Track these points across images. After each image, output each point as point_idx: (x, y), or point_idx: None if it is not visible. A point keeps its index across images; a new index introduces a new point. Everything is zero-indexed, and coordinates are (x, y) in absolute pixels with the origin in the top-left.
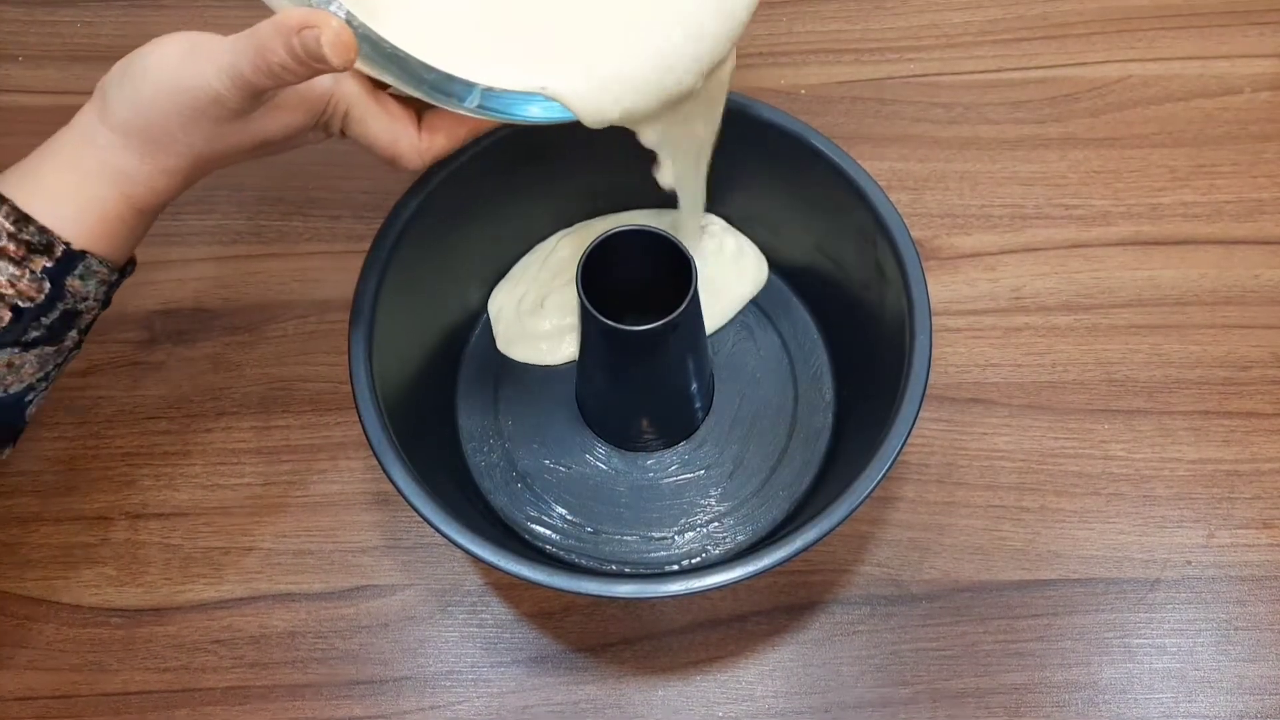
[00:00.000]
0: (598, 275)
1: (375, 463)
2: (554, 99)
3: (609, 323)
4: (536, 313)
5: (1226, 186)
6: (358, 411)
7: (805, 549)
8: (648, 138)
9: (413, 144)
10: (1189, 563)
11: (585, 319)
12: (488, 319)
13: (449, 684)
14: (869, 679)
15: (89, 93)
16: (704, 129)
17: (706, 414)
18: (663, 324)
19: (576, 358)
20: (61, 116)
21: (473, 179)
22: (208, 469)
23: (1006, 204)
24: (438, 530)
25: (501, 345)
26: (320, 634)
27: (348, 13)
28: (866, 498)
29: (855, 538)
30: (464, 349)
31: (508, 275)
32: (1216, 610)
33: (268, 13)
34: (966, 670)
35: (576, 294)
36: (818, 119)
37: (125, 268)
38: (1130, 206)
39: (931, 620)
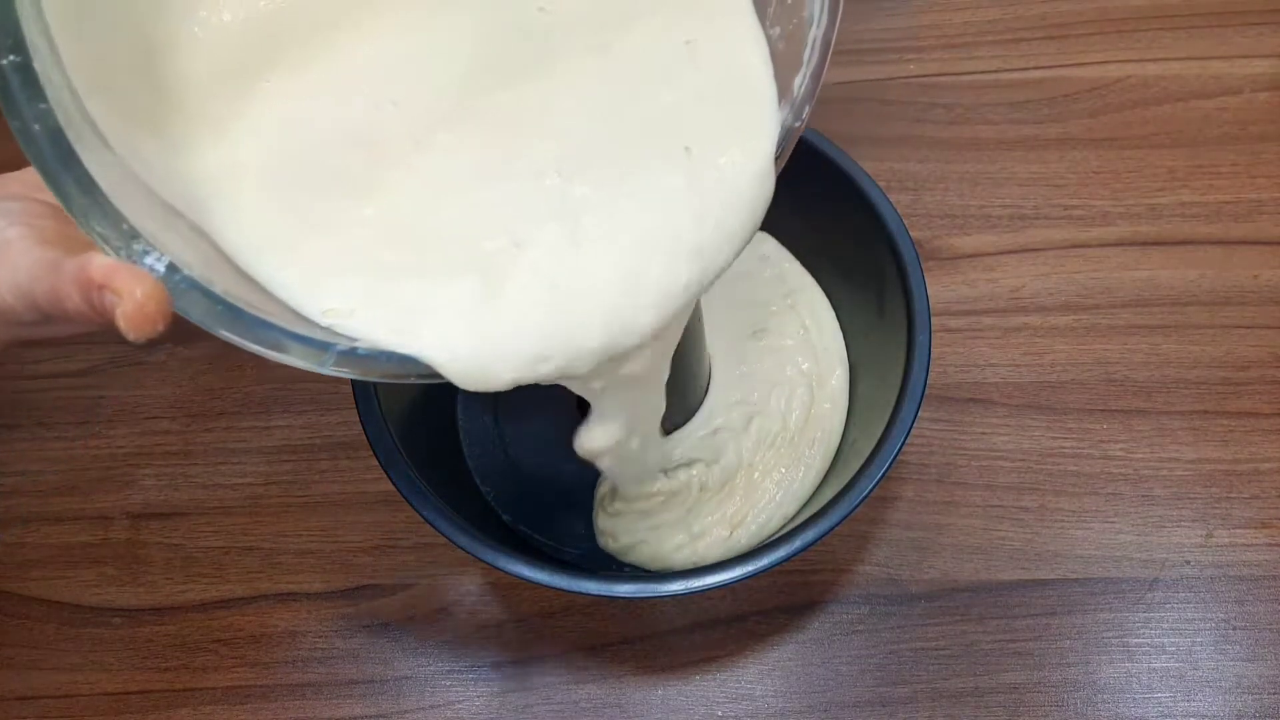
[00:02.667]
0: None
1: (375, 463)
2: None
3: None
4: None
5: (1225, 187)
6: (358, 411)
7: (805, 548)
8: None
9: None
10: (1187, 562)
11: None
12: None
13: (449, 684)
14: (868, 678)
15: None
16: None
17: None
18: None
19: None
20: None
21: None
22: (208, 469)
23: (1006, 204)
24: (438, 530)
25: None
26: (320, 634)
27: (169, 264)
28: (866, 497)
29: (855, 537)
30: None
31: None
32: (1215, 610)
33: None
34: (965, 669)
35: None
36: (817, 119)
37: None
38: (1129, 207)
39: (930, 620)
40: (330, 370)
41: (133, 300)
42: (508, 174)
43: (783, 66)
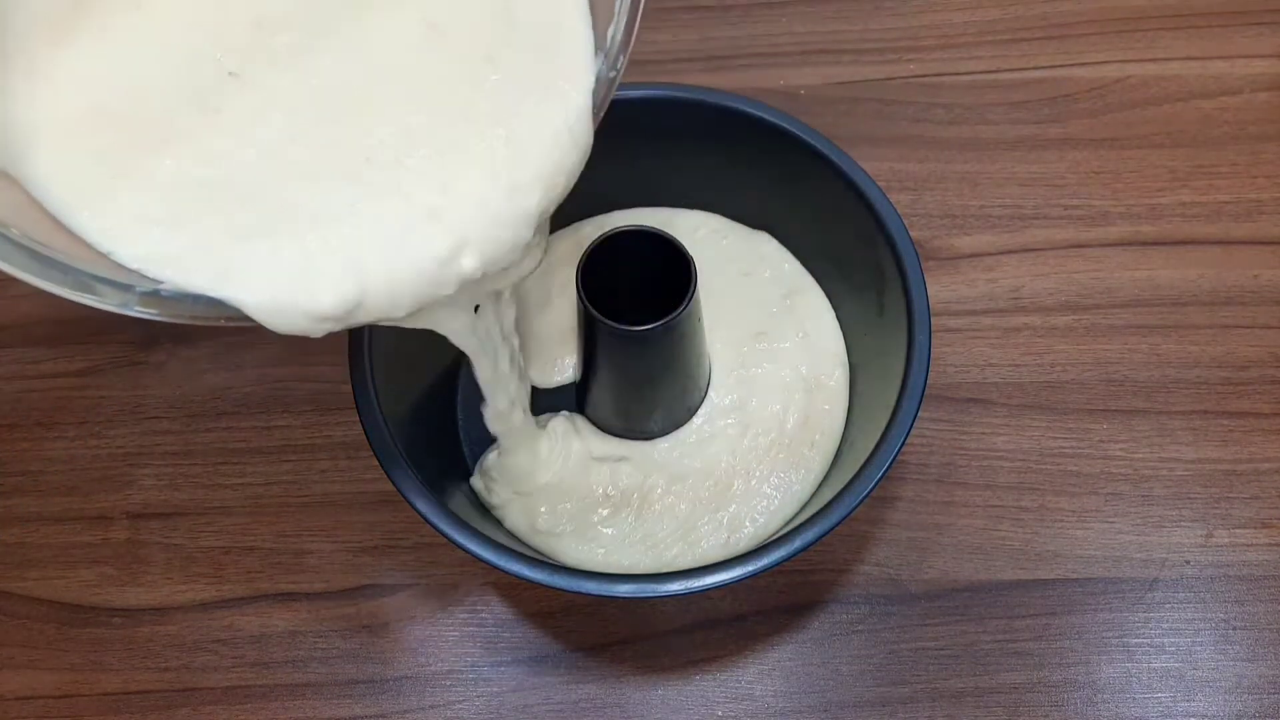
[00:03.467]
0: (596, 275)
1: (375, 463)
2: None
3: (609, 323)
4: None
5: (1225, 187)
6: (358, 411)
7: (805, 548)
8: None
9: None
10: (1187, 562)
11: (584, 318)
12: None
13: (449, 684)
14: (868, 678)
15: None
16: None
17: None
18: (662, 323)
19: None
20: None
21: None
22: (208, 469)
23: (1006, 204)
24: (438, 530)
25: None
26: (321, 634)
27: None
28: (866, 498)
29: (855, 537)
30: None
31: None
32: (1215, 610)
33: None
34: (965, 669)
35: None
36: (817, 119)
37: None
38: (1129, 207)
39: (930, 620)
40: (136, 311)
41: None
42: (323, 126)
43: (600, 18)
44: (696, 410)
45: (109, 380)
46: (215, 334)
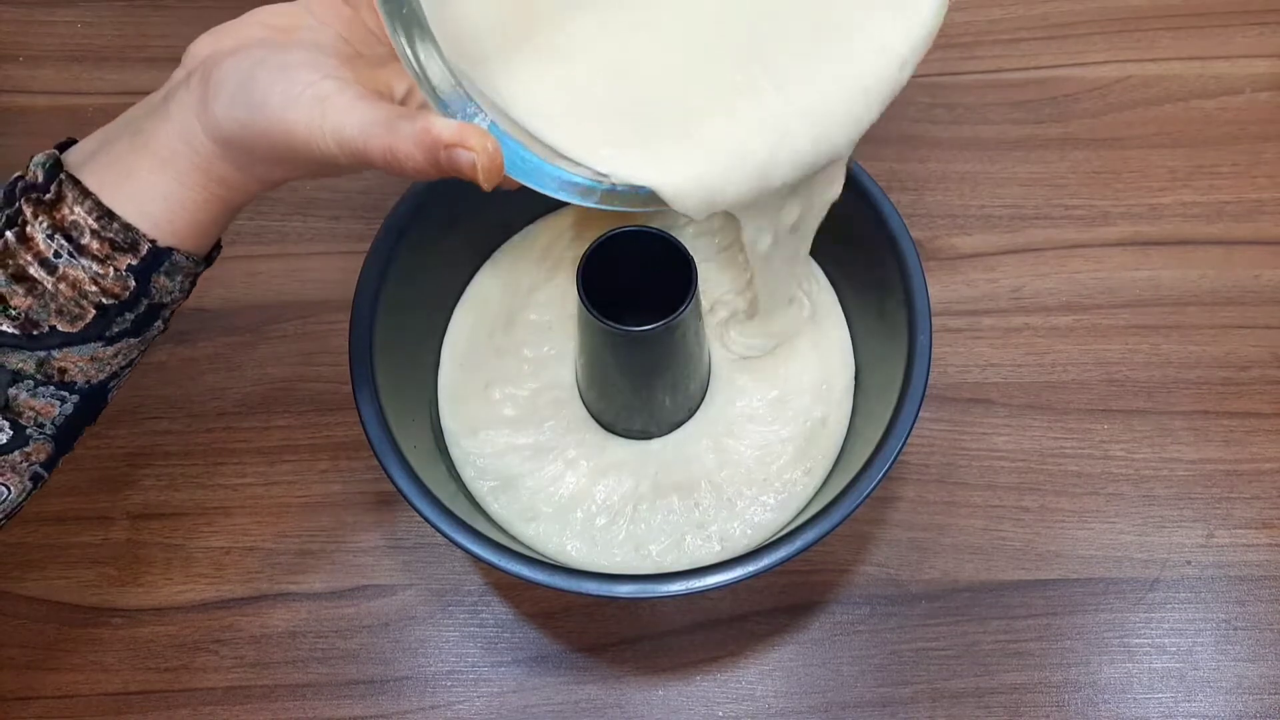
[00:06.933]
0: (597, 275)
1: (375, 463)
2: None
3: (609, 324)
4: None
5: (1226, 187)
6: (358, 411)
7: (805, 549)
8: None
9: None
10: (1188, 562)
11: (584, 317)
12: None
13: (449, 684)
14: (869, 679)
15: (89, 92)
16: (800, 214)
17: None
18: (663, 324)
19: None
20: (61, 117)
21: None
22: (208, 469)
23: (1006, 204)
24: (438, 530)
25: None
26: (321, 634)
27: (491, 123)
28: (866, 498)
29: (855, 538)
30: None
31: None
32: (1216, 610)
33: None
34: (966, 670)
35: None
36: None
37: (211, 254)
38: (1130, 207)
39: (931, 620)
40: (593, 203)
41: (486, 154)
42: (719, 44)
43: None
44: (696, 410)
45: None
46: (215, 334)
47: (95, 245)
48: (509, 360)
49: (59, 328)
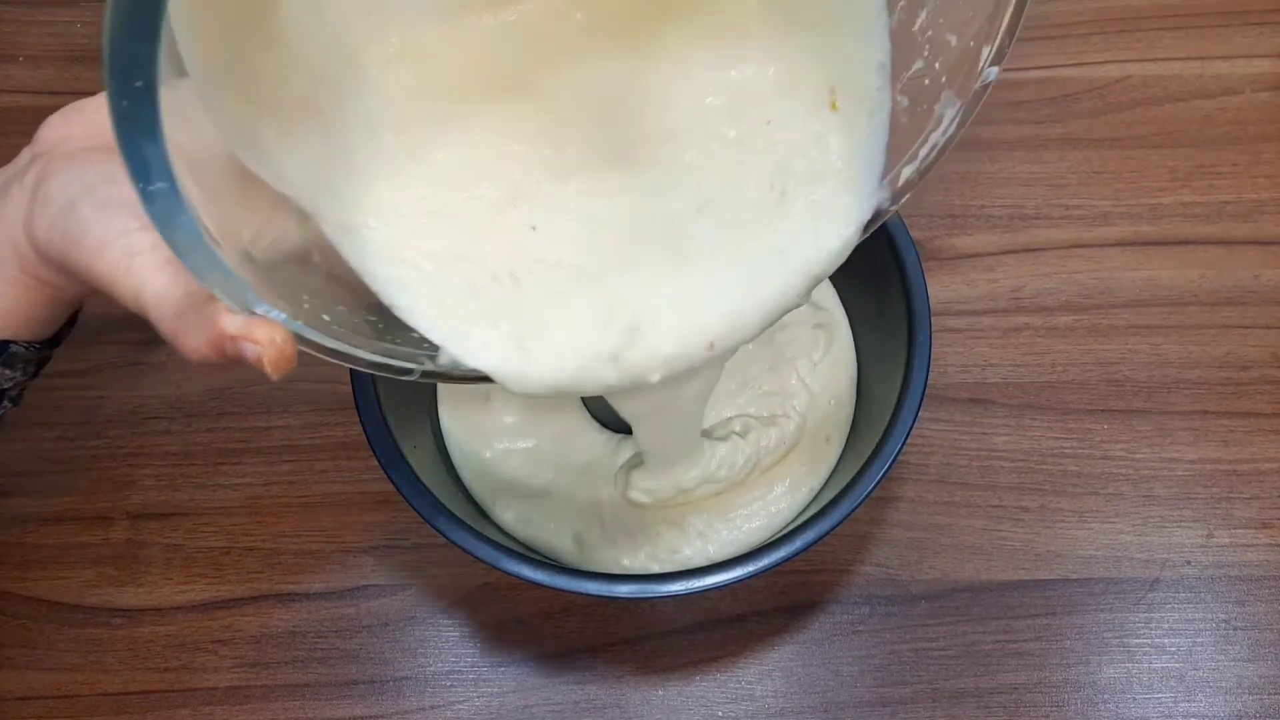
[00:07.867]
0: None
1: (375, 463)
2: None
3: None
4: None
5: (1226, 187)
6: (358, 411)
7: (805, 549)
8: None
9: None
10: (1188, 563)
11: None
12: None
13: (449, 684)
14: (869, 679)
15: (89, 93)
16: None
17: None
18: None
19: None
20: None
21: None
22: (208, 469)
23: (1006, 204)
24: (437, 530)
25: None
26: (321, 634)
27: (285, 317)
28: (866, 498)
29: (855, 538)
30: None
31: None
32: (1215, 610)
33: None
34: (966, 670)
35: None
36: None
37: (60, 334)
38: (1130, 207)
39: (931, 620)
40: (411, 378)
41: (274, 347)
42: (630, 221)
43: (898, 140)
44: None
45: (109, 380)
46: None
47: None
48: None
49: None
